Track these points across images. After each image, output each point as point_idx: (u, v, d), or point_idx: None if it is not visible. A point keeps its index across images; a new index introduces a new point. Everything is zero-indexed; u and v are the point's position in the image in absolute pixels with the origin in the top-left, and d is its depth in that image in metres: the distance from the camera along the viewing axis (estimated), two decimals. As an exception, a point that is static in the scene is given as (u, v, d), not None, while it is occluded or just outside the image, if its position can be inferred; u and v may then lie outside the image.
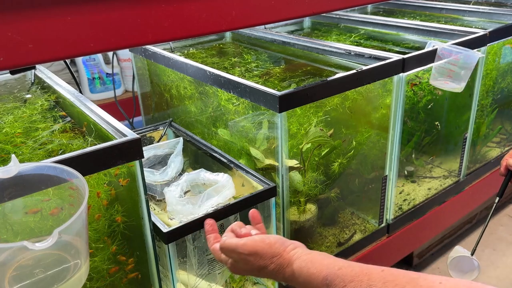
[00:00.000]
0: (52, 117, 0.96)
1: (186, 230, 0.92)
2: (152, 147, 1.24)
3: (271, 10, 0.75)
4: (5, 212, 0.66)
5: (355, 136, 1.26)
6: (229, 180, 1.02)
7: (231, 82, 1.11)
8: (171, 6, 0.64)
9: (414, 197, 1.58)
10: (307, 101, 1.06)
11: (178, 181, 1.07)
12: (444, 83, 1.33)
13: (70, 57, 0.59)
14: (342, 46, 1.38)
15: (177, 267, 0.96)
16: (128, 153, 0.76)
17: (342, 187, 1.32)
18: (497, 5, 1.94)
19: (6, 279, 0.56)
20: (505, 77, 1.75)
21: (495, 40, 1.51)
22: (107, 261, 0.83)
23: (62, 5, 0.54)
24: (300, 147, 1.14)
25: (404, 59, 1.22)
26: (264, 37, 1.61)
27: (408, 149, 1.60)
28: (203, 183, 1.09)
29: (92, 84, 2.07)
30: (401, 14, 1.99)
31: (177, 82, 1.40)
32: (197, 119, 1.38)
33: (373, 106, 1.27)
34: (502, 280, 1.68)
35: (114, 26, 0.59)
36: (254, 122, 1.14)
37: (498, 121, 1.86)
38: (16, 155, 0.66)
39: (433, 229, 1.67)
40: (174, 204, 0.98)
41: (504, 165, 1.13)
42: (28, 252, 0.56)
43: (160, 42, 0.67)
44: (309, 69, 1.34)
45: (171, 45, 1.58)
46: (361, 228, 1.41)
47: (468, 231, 1.92)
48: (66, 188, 0.66)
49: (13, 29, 0.52)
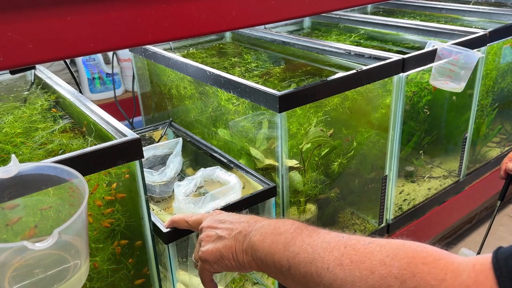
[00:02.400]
0: (52, 117, 0.96)
1: (186, 230, 0.92)
2: (151, 148, 1.24)
3: (271, 10, 0.75)
4: (5, 212, 0.66)
5: (355, 136, 1.26)
6: (237, 184, 1.02)
7: (231, 82, 1.11)
8: (171, 6, 0.64)
9: (414, 197, 1.58)
10: (307, 101, 1.06)
11: (193, 176, 1.08)
12: (444, 83, 1.33)
13: (70, 57, 0.59)
14: (342, 46, 1.38)
15: (177, 267, 0.96)
16: (128, 153, 0.76)
17: (342, 187, 1.32)
18: (497, 5, 1.95)
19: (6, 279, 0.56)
20: (505, 77, 1.75)
21: (495, 40, 1.51)
22: (107, 261, 0.83)
23: (62, 5, 0.54)
24: (300, 147, 1.14)
25: (404, 59, 1.22)
26: (264, 37, 1.61)
27: (408, 149, 1.60)
28: (217, 180, 1.09)
29: (92, 84, 2.07)
30: (401, 14, 1.99)
31: (177, 82, 1.40)
32: (197, 119, 1.38)
33: (373, 106, 1.27)
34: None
35: (114, 26, 0.59)
36: (254, 122, 1.14)
37: (498, 121, 1.86)
38: (16, 155, 0.66)
39: (433, 229, 1.67)
40: (179, 201, 0.99)
41: (504, 169, 1.13)
42: (28, 252, 0.56)
43: (160, 42, 0.67)
44: (309, 69, 1.34)
45: (171, 45, 1.58)
46: (361, 228, 1.41)
47: (468, 231, 1.92)
48: (66, 188, 0.66)
49: (13, 29, 0.52)
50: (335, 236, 0.57)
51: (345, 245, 0.55)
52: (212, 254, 0.69)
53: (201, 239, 0.72)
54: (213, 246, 0.69)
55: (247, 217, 0.70)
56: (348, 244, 0.55)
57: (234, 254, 0.67)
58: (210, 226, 0.72)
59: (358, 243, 0.54)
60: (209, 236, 0.71)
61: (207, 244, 0.70)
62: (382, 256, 0.51)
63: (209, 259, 0.69)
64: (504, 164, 1.13)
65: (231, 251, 0.67)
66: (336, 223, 1.40)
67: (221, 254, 0.68)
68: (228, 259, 0.67)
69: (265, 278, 1.16)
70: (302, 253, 0.58)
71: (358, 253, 0.53)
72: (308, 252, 0.57)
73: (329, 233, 0.59)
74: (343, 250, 0.54)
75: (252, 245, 0.64)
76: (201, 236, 0.73)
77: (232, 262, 0.67)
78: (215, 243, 0.69)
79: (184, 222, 0.82)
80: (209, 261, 0.70)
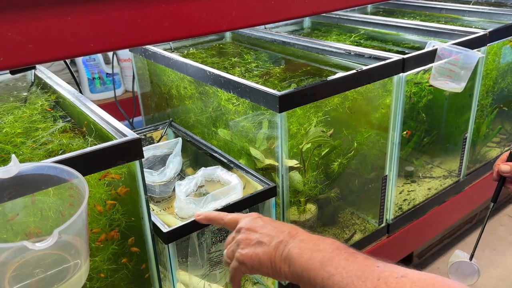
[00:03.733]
0: (52, 117, 0.96)
1: (186, 230, 0.92)
2: (151, 148, 1.24)
3: (271, 10, 0.75)
4: (5, 212, 0.66)
5: (355, 136, 1.26)
6: (239, 184, 1.02)
7: (231, 82, 1.11)
8: (171, 6, 0.64)
9: (414, 197, 1.58)
10: (307, 101, 1.06)
11: (194, 175, 1.08)
12: (444, 83, 1.33)
13: (70, 57, 0.59)
14: (342, 46, 1.38)
15: (177, 267, 0.96)
16: (128, 153, 0.76)
17: (342, 187, 1.32)
18: (497, 5, 1.95)
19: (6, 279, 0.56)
20: (505, 77, 1.75)
21: (495, 40, 1.51)
22: (107, 261, 0.83)
23: (62, 5, 0.54)
24: (300, 147, 1.14)
25: (404, 59, 1.22)
26: (264, 37, 1.61)
27: (408, 149, 1.60)
28: (218, 180, 1.09)
29: (92, 84, 2.07)
30: (401, 14, 1.99)
31: (177, 82, 1.40)
32: (197, 119, 1.38)
33: (373, 106, 1.27)
34: (502, 280, 1.68)
35: (114, 26, 0.59)
36: (254, 122, 1.14)
37: (498, 121, 1.86)
38: (16, 155, 0.65)
39: (433, 229, 1.67)
40: (181, 201, 0.99)
41: (496, 170, 1.12)
42: (28, 252, 0.56)
43: (160, 42, 0.67)
44: (309, 69, 1.34)
45: (171, 45, 1.58)
46: (361, 228, 1.41)
47: (468, 231, 1.92)
48: (66, 188, 0.66)
49: (13, 29, 0.52)
50: (370, 265, 0.59)
51: (379, 276, 0.56)
52: (251, 259, 0.71)
53: (240, 240, 0.73)
54: (253, 251, 0.71)
55: (289, 227, 0.72)
56: (382, 276, 0.56)
57: (273, 263, 0.68)
58: (250, 229, 0.74)
59: (391, 276, 0.56)
60: (249, 239, 0.72)
61: (246, 248, 0.72)
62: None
63: (246, 263, 0.71)
64: (496, 166, 1.13)
65: (270, 259, 0.69)
66: (336, 223, 1.40)
67: (260, 260, 0.70)
68: (266, 267, 0.69)
69: (265, 278, 1.16)
70: (337, 276, 0.59)
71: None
72: (343, 276, 0.59)
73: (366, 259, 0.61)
74: (376, 282, 0.56)
75: (290, 257, 0.66)
76: (240, 237, 0.74)
77: (269, 270, 0.69)
78: (255, 248, 0.71)
79: (220, 219, 0.83)
80: (246, 264, 0.72)
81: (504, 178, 1.12)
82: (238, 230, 0.75)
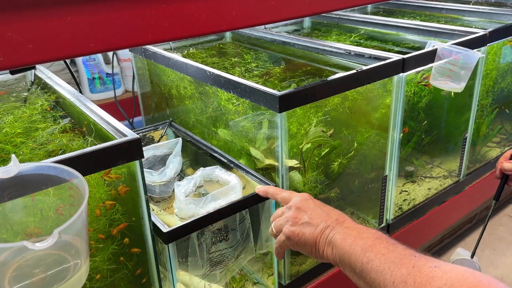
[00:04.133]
0: (52, 117, 0.96)
1: (186, 230, 0.92)
2: (151, 148, 1.24)
3: (271, 10, 0.75)
4: (5, 212, 0.66)
5: (355, 136, 1.26)
6: (238, 184, 1.02)
7: (231, 82, 1.11)
8: (171, 6, 0.64)
9: (414, 197, 1.58)
10: (307, 101, 1.06)
11: (193, 175, 1.08)
12: (444, 83, 1.33)
13: (70, 57, 0.59)
14: (342, 46, 1.38)
15: (177, 267, 0.96)
16: (128, 153, 0.76)
17: (342, 187, 1.32)
18: (497, 5, 1.95)
19: (6, 279, 0.56)
20: (505, 77, 1.75)
21: (495, 40, 1.51)
22: (107, 261, 0.83)
23: (62, 5, 0.54)
24: (300, 147, 1.14)
25: (404, 59, 1.22)
26: (264, 37, 1.61)
27: (408, 149, 1.60)
28: (217, 180, 1.09)
29: (92, 84, 2.07)
30: (401, 14, 1.99)
31: (177, 82, 1.40)
32: (197, 119, 1.38)
33: (373, 106, 1.27)
34: (502, 280, 1.68)
35: (114, 26, 0.59)
36: (254, 122, 1.14)
37: (498, 121, 1.86)
38: (16, 155, 0.66)
39: (433, 229, 1.67)
40: (180, 201, 0.99)
41: (499, 168, 1.13)
42: (28, 252, 0.56)
43: (160, 42, 0.67)
44: (309, 69, 1.34)
45: (171, 45, 1.58)
46: (361, 228, 1.41)
47: (468, 231, 1.92)
48: (66, 188, 0.66)
49: (13, 29, 0.52)
50: (408, 254, 0.62)
51: (414, 265, 0.59)
52: (298, 236, 0.76)
53: (289, 217, 0.79)
54: (300, 230, 0.76)
55: (337, 213, 0.77)
56: (417, 265, 0.59)
57: (317, 244, 0.73)
58: (300, 208, 0.79)
59: (426, 265, 0.58)
60: (298, 218, 0.78)
61: (295, 225, 0.77)
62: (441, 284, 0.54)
63: (292, 239, 0.77)
64: (499, 163, 1.13)
65: (315, 240, 0.74)
66: (336, 223, 1.40)
67: (305, 240, 0.75)
68: (310, 246, 0.75)
69: (265, 278, 1.16)
70: (375, 261, 0.63)
71: (422, 275, 0.57)
72: (381, 261, 0.62)
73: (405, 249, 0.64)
74: (411, 269, 0.59)
75: (334, 241, 0.71)
76: (290, 214, 0.79)
77: (312, 249, 0.75)
78: (303, 227, 0.76)
79: (275, 194, 0.91)
80: (292, 240, 0.78)
81: (507, 176, 1.13)
82: (289, 207, 0.81)
